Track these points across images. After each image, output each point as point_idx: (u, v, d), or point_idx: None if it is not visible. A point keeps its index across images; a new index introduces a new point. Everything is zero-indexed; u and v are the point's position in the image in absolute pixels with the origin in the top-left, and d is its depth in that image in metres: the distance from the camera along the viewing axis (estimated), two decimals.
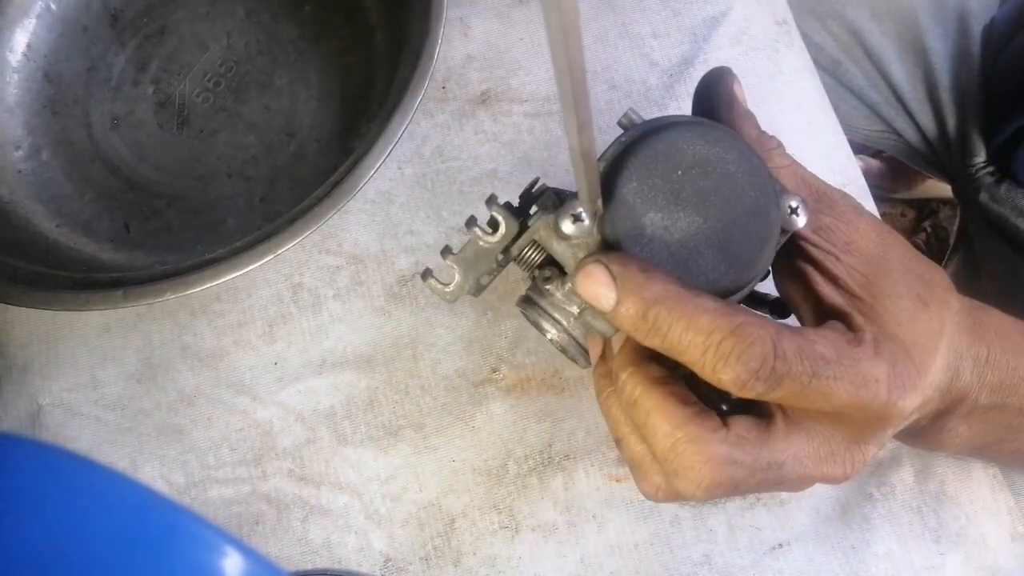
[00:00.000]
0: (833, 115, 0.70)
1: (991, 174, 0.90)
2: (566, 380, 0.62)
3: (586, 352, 0.50)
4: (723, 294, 0.43)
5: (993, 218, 0.89)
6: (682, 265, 0.42)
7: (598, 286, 0.42)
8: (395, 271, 0.66)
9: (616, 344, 0.47)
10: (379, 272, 0.66)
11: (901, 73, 0.93)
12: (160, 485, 0.62)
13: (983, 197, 0.90)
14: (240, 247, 0.57)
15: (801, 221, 0.44)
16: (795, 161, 0.49)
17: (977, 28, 0.91)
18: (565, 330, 0.49)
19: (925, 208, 1.64)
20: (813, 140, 0.69)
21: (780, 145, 0.49)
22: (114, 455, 0.62)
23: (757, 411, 0.45)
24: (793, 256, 0.47)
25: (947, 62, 0.92)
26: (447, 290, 0.49)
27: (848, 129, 0.70)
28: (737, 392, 0.40)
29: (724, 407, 0.46)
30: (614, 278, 0.41)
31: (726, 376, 0.40)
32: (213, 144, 0.70)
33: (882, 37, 0.92)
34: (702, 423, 0.43)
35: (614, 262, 0.42)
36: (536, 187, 0.50)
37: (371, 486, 0.61)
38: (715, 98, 0.50)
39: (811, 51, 0.72)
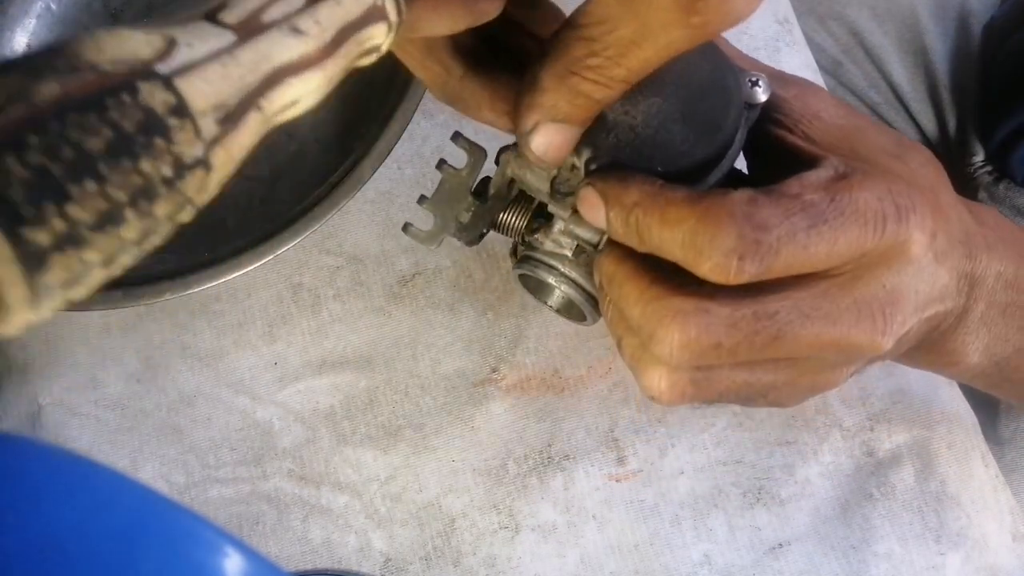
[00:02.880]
0: None
1: (990, 173, 0.90)
2: (566, 380, 0.62)
3: (593, 300, 0.49)
4: (701, 167, 0.42)
5: None
6: (650, 143, 0.42)
7: (592, 208, 0.41)
8: (395, 271, 0.65)
9: None
10: (379, 272, 0.65)
11: (901, 73, 0.93)
12: (160, 485, 0.62)
13: (982, 196, 0.90)
14: (240, 247, 0.57)
15: (763, 93, 0.44)
16: (739, 51, 0.48)
17: (977, 27, 0.91)
18: (563, 275, 0.48)
19: None
20: None
21: (723, 38, 0.48)
22: (114, 455, 0.62)
23: None
24: (766, 125, 0.45)
25: (947, 62, 0.92)
26: (427, 234, 0.49)
27: None
28: (728, 281, 0.37)
29: None
30: (600, 195, 0.41)
31: (706, 266, 0.37)
32: None
33: (882, 37, 0.92)
34: (671, 281, 0.40)
35: (597, 179, 0.41)
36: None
37: (371, 486, 0.61)
38: None
39: (811, 51, 0.72)
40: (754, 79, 0.44)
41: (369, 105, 0.68)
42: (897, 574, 0.58)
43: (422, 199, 0.48)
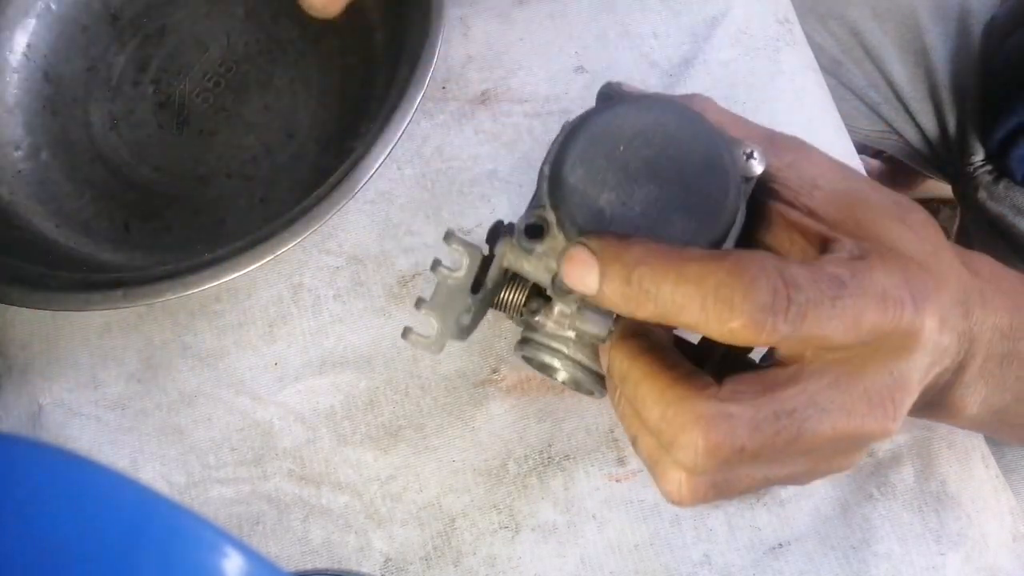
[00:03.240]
0: (835, 113, 0.70)
1: (989, 173, 0.90)
2: None
3: (600, 378, 0.48)
4: None
5: (992, 217, 0.89)
6: (651, 234, 0.40)
7: (581, 267, 0.39)
8: (395, 271, 0.66)
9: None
10: (379, 272, 0.66)
11: (902, 73, 0.93)
12: (161, 485, 0.62)
13: (982, 196, 0.90)
14: (240, 247, 0.57)
15: (759, 165, 0.43)
16: (730, 112, 0.47)
17: (978, 27, 0.91)
18: (568, 357, 0.48)
19: (925, 208, 1.64)
20: (814, 139, 0.68)
21: (710, 99, 0.47)
22: (115, 455, 0.62)
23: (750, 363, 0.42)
24: (765, 200, 0.44)
25: (948, 62, 0.92)
26: (430, 341, 0.47)
27: (848, 129, 0.69)
28: (758, 341, 0.36)
29: None
30: (594, 253, 0.39)
31: (737, 323, 0.35)
32: (213, 144, 0.70)
33: (883, 37, 0.92)
34: (690, 382, 0.38)
35: (592, 239, 0.40)
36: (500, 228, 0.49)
37: (371, 486, 0.61)
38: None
39: (811, 51, 0.72)
40: (748, 151, 0.43)
41: (369, 105, 0.68)
42: (897, 574, 0.58)
43: (419, 303, 0.47)
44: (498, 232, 0.47)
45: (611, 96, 0.49)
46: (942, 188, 1.51)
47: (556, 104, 0.70)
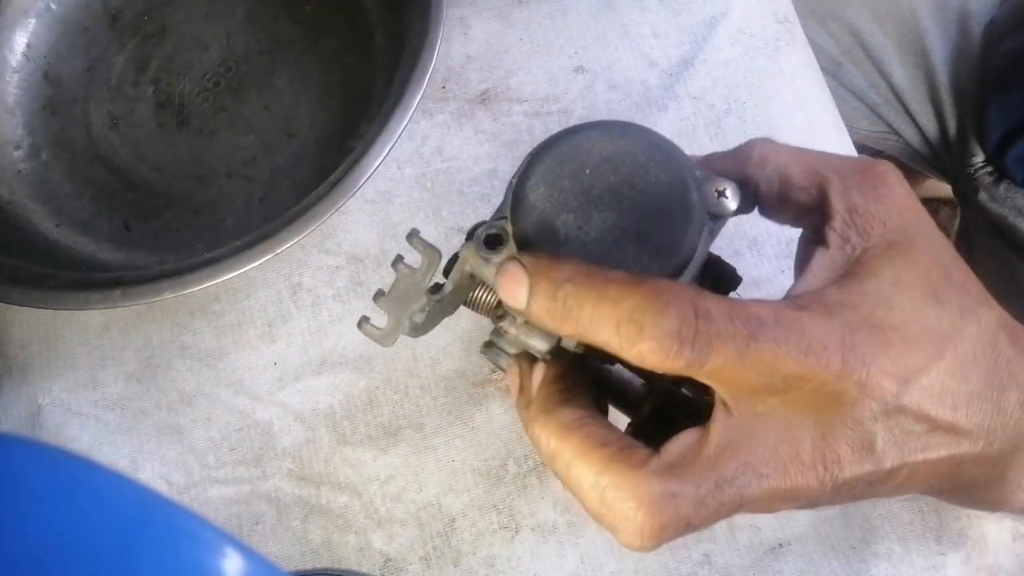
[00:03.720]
0: (836, 113, 0.70)
1: (990, 174, 0.90)
2: None
3: None
4: None
5: (992, 218, 0.89)
6: (602, 262, 0.40)
7: (513, 282, 0.39)
8: (394, 272, 0.65)
9: (536, 378, 0.44)
10: (378, 272, 0.65)
11: (901, 74, 0.93)
12: (160, 485, 0.62)
13: (982, 197, 0.90)
14: (239, 247, 0.57)
15: (731, 203, 0.42)
16: (799, 149, 0.45)
17: (977, 29, 0.91)
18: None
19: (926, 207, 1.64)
20: (814, 139, 0.69)
21: (768, 140, 0.45)
22: (114, 455, 0.62)
23: (695, 417, 0.41)
24: (808, 239, 0.43)
25: (947, 63, 0.92)
26: (382, 334, 0.47)
27: (848, 130, 0.69)
28: (663, 366, 0.36)
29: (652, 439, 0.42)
30: (525, 269, 0.39)
31: (645, 345, 0.35)
32: (213, 144, 0.70)
33: (883, 38, 0.92)
34: (625, 461, 0.38)
35: (526, 256, 0.40)
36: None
37: (371, 486, 0.61)
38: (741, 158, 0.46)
39: (812, 51, 0.72)
40: (721, 188, 0.42)
41: (368, 105, 0.68)
42: (897, 574, 0.58)
43: (378, 295, 0.47)
44: (474, 232, 0.48)
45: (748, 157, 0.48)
46: (942, 188, 1.51)
47: (556, 104, 0.70)
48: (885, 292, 0.40)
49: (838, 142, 0.69)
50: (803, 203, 0.43)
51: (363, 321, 0.48)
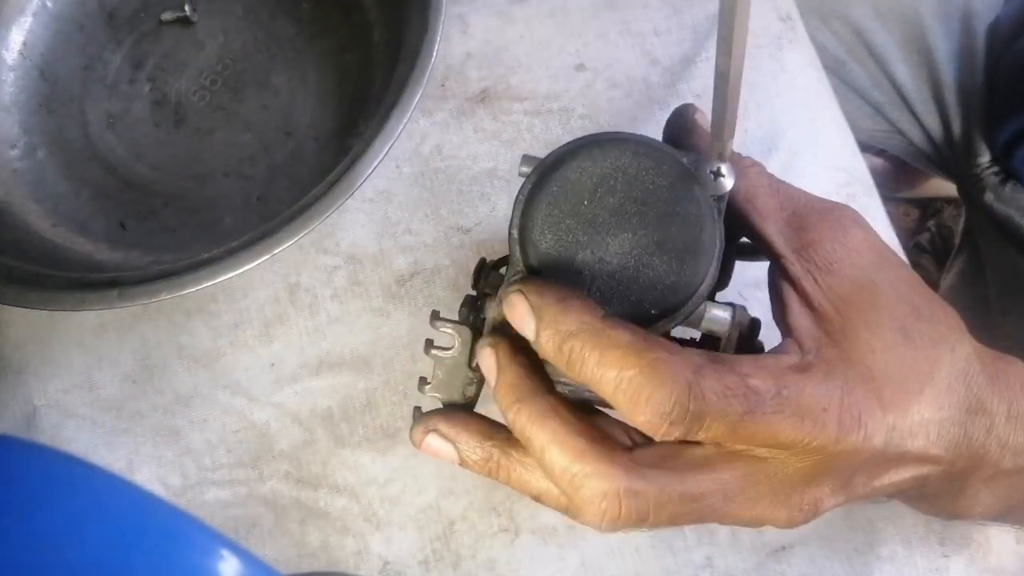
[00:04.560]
0: (839, 112, 0.70)
1: (996, 174, 0.89)
2: None
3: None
4: (693, 294, 0.41)
5: (998, 218, 0.89)
6: (635, 283, 0.41)
7: (520, 318, 0.40)
8: (393, 271, 0.65)
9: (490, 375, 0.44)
10: (377, 272, 0.65)
11: (905, 73, 0.93)
12: (156, 488, 0.61)
13: (988, 197, 0.90)
14: (237, 247, 0.57)
15: (728, 181, 0.42)
16: (773, 179, 0.46)
17: (981, 27, 0.91)
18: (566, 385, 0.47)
19: (929, 208, 1.64)
20: (817, 137, 0.68)
21: (756, 164, 0.46)
22: (110, 457, 0.62)
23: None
24: (774, 277, 0.44)
25: (951, 62, 0.91)
26: None
27: (851, 129, 0.69)
28: (656, 438, 0.38)
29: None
30: (532, 309, 0.40)
31: (639, 420, 0.38)
32: (210, 143, 0.70)
33: (886, 37, 0.92)
34: (600, 453, 0.39)
35: (531, 292, 0.40)
36: (484, 268, 0.48)
37: (369, 488, 0.60)
38: (678, 127, 0.48)
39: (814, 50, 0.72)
40: (715, 169, 0.42)
41: (367, 103, 0.68)
42: None
43: (422, 384, 0.46)
44: (482, 271, 0.47)
45: (682, 123, 0.48)
46: (946, 187, 1.51)
47: (556, 102, 0.70)
48: (866, 339, 0.41)
49: (841, 140, 0.69)
50: (758, 228, 0.45)
51: (417, 412, 0.47)
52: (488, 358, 0.43)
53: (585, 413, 0.42)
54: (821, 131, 0.69)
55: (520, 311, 0.40)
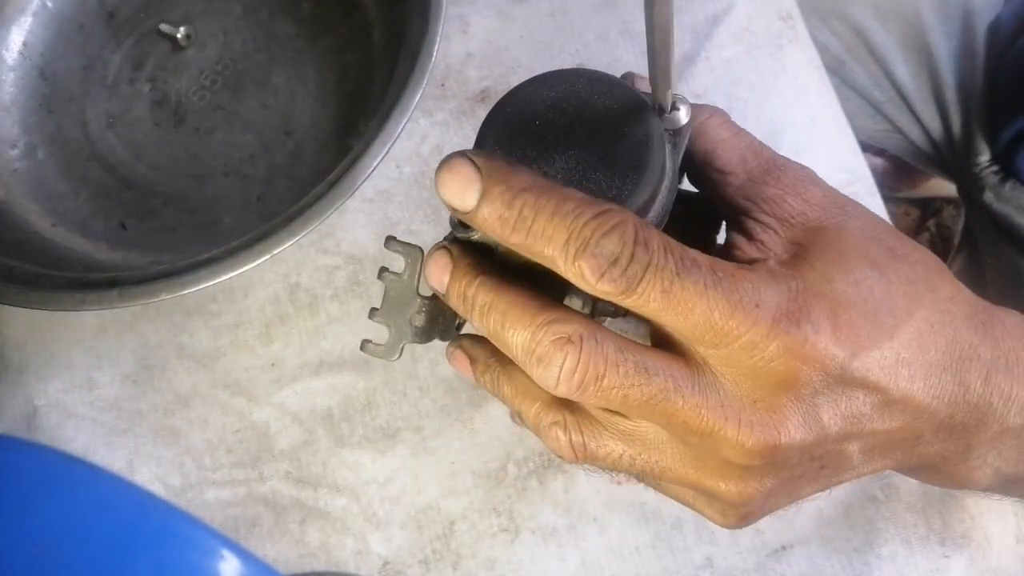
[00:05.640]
0: (839, 111, 0.70)
1: (996, 173, 0.89)
2: None
3: None
4: (636, 212, 0.40)
5: (998, 217, 0.89)
6: None
7: (462, 180, 0.38)
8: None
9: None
10: (376, 272, 0.65)
11: (905, 72, 0.93)
12: (156, 487, 0.61)
13: (988, 196, 0.90)
14: (236, 247, 0.57)
15: (684, 116, 0.42)
16: (734, 127, 0.45)
17: (982, 26, 0.91)
18: None
19: (929, 207, 1.64)
20: (817, 137, 0.68)
21: (716, 114, 0.45)
22: (110, 457, 0.62)
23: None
24: (730, 232, 0.43)
25: (951, 61, 0.92)
26: (384, 349, 0.47)
27: (852, 128, 0.69)
28: (596, 286, 0.36)
29: None
30: (479, 170, 0.38)
31: (585, 263, 0.36)
32: (210, 143, 0.70)
33: (886, 36, 0.92)
34: (559, 308, 0.39)
35: (479, 154, 0.39)
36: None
37: (369, 488, 0.60)
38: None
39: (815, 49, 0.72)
40: (671, 102, 0.42)
41: (367, 103, 0.68)
42: None
43: (372, 312, 0.47)
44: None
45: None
46: (946, 186, 1.50)
47: None
48: (827, 271, 0.39)
49: (841, 139, 0.69)
50: (718, 185, 0.44)
51: (365, 343, 0.47)
52: (441, 255, 0.42)
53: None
54: (822, 130, 0.69)
55: (464, 171, 0.38)
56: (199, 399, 0.63)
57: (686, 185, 0.46)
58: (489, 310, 0.40)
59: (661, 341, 0.40)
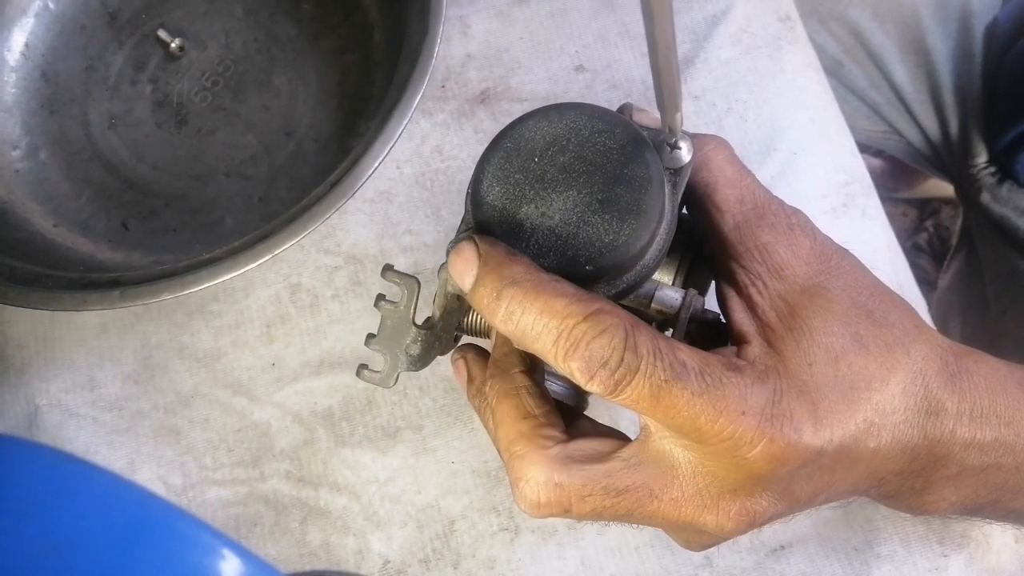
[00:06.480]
0: (838, 112, 0.70)
1: (993, 174, 0.89)
2: None
3: (578, 393, 0.48)
4: (633, 256, 0.41)
5: (995, 218, 0.89)
6: (574, 239, 0.41)
7: (463, 263, 0.41)
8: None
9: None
10: (378, 272, 0.65)
11: (903, 74, 0.93)
12: (158, 487, 0.61)
13: (985, 198, 0.90)
14: (238, 247, 0.57)
15: (685, 155, 0.43)
16: (738, 165, 0.45)
17: (979, 28, 0.91)
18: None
19: (927, 208, 1.64)
20: (816, 138, 0.68)
21: (720, 147, 0.45)
22: (111, 456, 0.62)
23: (618, 433, 0.44)
24: (720, 279, 0.44)
25: (949, 62, 0.92)
26: (381, 376, 0.48)
27: (850, 129, 0.69)
28: (586, 385, 0.38)
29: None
30: (480, 255, 0.40)
31: (575, 364, 0.38)
32: (211, 143, 0.70)
33: (884, 38, 0.92)
34: (534, 439, 0.42)
35: (484, 240, 0.41)
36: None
37: (369, 487, 0.60)
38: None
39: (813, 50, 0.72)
40: (672, 141, 0.42)
41: (368, 104, 0.68)
42: None
43: (369, 339, 0.48)
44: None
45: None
46: (944, 187, 1.51)
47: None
48: (810, 351, 0.41)
49: (840, 141, 0.69)
50: (713, 219, 0.45)
51: (361, 369, 0.49)
52: (459, 367, 0.48)
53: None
54: (820, 131, 0.69)
55: (467, 256, 0.40)
56: (200, 399, 0.63)
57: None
58: (493, 414, 0.45)
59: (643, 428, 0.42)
